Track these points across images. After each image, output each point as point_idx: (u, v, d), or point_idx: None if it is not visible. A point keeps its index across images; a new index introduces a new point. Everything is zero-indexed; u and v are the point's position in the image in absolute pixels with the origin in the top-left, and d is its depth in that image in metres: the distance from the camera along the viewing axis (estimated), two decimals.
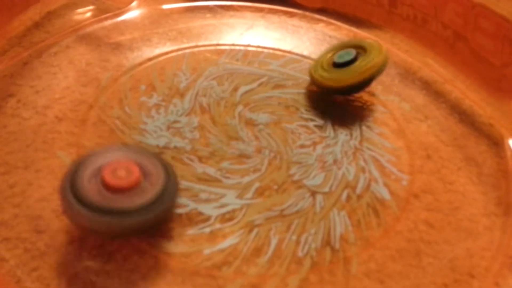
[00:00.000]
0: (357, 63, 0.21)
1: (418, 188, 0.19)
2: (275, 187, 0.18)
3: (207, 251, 0.16)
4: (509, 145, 0.21)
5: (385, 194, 0.18)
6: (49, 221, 0.16)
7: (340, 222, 0.17)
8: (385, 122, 0.21)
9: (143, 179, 0.14)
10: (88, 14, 0.25)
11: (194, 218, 0.17)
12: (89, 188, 0.13)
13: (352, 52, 0.21)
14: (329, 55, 0.22)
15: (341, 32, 0.26)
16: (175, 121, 0.20)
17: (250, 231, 0.17)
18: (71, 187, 0.14)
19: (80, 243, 0.16)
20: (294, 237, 0.17)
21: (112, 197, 0.13)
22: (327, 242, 0.17)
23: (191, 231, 0.16)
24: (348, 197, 0.18)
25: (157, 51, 0.24)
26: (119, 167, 0.14)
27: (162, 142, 0.19)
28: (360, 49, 0.21)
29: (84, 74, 0.22)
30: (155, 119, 0.20)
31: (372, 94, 0.23)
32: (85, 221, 0.13)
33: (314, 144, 0.20)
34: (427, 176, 0.19)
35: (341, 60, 0.21)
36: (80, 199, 0.13)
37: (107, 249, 0.16)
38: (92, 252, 0.15)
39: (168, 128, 0.20)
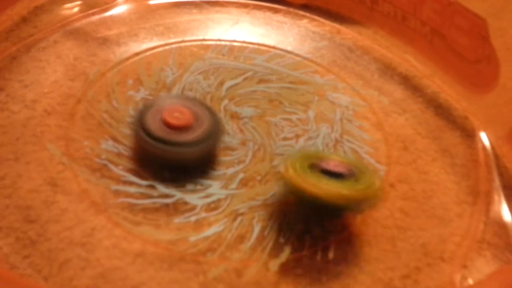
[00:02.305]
0: (348, 183, 0.16)
1: (394, 178, 0.20)
2: (259, 178, 0.19)
3: (192, 239, 0.17)
4: (480, 137, 0.22)
5: None
6: (39, 211, 0.17)
7: (320, 211, 0.18)
8: (365, 115, 0.22)
9: (194, 121, 0.18)
10: (76, 9, 0.26)
11: (180, 208, 0.18)
12: (154, 124, 0.17)
13: (346, 166, 0.17)
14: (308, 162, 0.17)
15: (324, 28, 0.27)
16: None
17: (234, 219, 0.17)
18: (140, 124, 0.18)
19: (70, 231, 0.16)
20: (275, 225, 0.17)
21: (170, 132, 0.17)
22: (307, 230, 0.17)
23: (177, 220, 0.17)
24: None
25: (144, 46, 0.24)
26: (176, 111, 0.18)
27: None
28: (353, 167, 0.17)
29: (72, 69, 0.22)
30: None
31: (353, 89, 0.23)
32: (150, 147, 0.17)
33: (297, 136, 0.21)
34: (403, 166, 0.20)
35: (334, 169, 0.17)
36: (147, 133, 0.17)
37: (96, 237, 0.16)
38: (82, 240, 0.16)
39: None
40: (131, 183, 0.18)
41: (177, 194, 0.18)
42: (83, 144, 0.19)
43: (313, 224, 0.18)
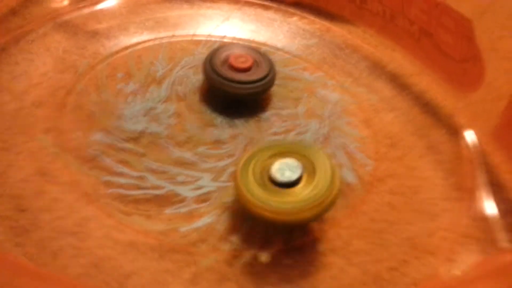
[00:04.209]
0: (301, 191, 0.16)
1: (382, 173, 0.20)
2: None
3: (183, 229, 0.17)
4: (466, 135, 0.22)
5: (352, 178, 0.19)
6: (30, 200, 0.17)
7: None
8: (354, 112, 0.22)
9: (254, 65, 0.21)
10: (66, 2, 0.26)
11: (171, 199, 0.18)
12: (222, 67, 0.21)
13: (297, 169, 0.16)
14: (267, 157, 0.17)
15: (314, 26, 0.27)
16: (152, 108, 0.21)
17: (224, 211, 0.18)
18: (211, 66, 0.21)
19: (62, 221, 0.16)
20: None
21: (235, 73, 0.21)
22: None
23: (168, 211, 0.17)
24: None
25: (134, 40, 0.24)
26: (241, 56, 0.21)
27: (139, 127, 0.20)
28: (307, 161, 0.17)
29: (61, 61, 0.22)
30: (132, 105, 0.21)
31: (342, 86, 0.24)
32: (218, 85, 0.21)
33: (287, 131, 0.21)
34: (391, 162, 0.20)
35: (282, 179, 0.16)
36: (216, 73, 0.21)
37: (88, 227, 0.16)
38: (73, 229, 0.16)
39: (145, 114, 0.20)
40: (122, 174, 0.18)
41: (167, 185, 0.18)
42: (74, 135, 0.19)
43: None
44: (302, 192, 0.16)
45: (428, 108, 0.23)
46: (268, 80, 0.21)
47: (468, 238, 0.18)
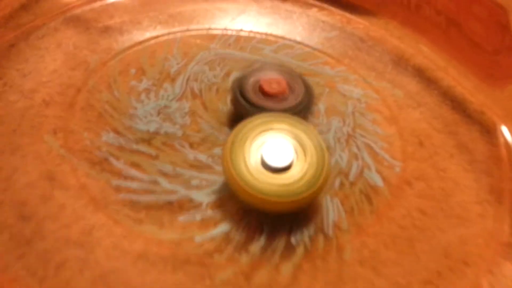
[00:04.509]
0: (296, 172, 0.16)
1: (410, 175, 0.19)
2: None
3: (198, 239, 0.16)
4: (501, 132, 0.21)
5: (378, 181, 0.18)
6: (35, 207, 0.16)
7: (333, 209, 0.17)
8: (378, 108, 0.21)
9: (288, 91, 0.19)
10: None
11: (185, 205, 0.17)
12: (251, 92, 0.19)
13: (289, 151, 0.16)
14: (253, 136, 0.16)
15: (334, 17, 0.26)
16: (166, 106, 0.20)
17: (242, 218, 0.16)
18: (239, 90, 0.19)
19: (68, 230, 0.15)
20: (287, 224, 0.16)
21: (265, 99, 0.19)
22: (320, 229, 0.16)
23: (182, 218, 0.16)
24: (341, 184, 0.18)
25: (148, 34, 0.23)
26: (273, 81, 0.19)
27: (152, 127, 0.19)
28: (294, 137, 0.16)
29: (72, 57, 0.21)
30: (145, 103, 0.20)
31: (365, 81, 0.22)
32: (245, 112, 0.18)
33: None
34: (419, 163, 0.19)
35: (276, 164, 0.16)
36: (244, 98, 0.19)
37: (95, 236, 0.15)
38: (80, 239, 0.15)
39: (159, 113, 0.20)
40: (133, 178, 0.17)
41: (181, 190, 0.17)
42: (83, 136, 0.18)
43: (326, 224, 0.17)
44: (297, 173, 0.16)
45: (456, 103, 0.22)
46: (307, 103, 0.19)
47: (510, 247, 0.17)
